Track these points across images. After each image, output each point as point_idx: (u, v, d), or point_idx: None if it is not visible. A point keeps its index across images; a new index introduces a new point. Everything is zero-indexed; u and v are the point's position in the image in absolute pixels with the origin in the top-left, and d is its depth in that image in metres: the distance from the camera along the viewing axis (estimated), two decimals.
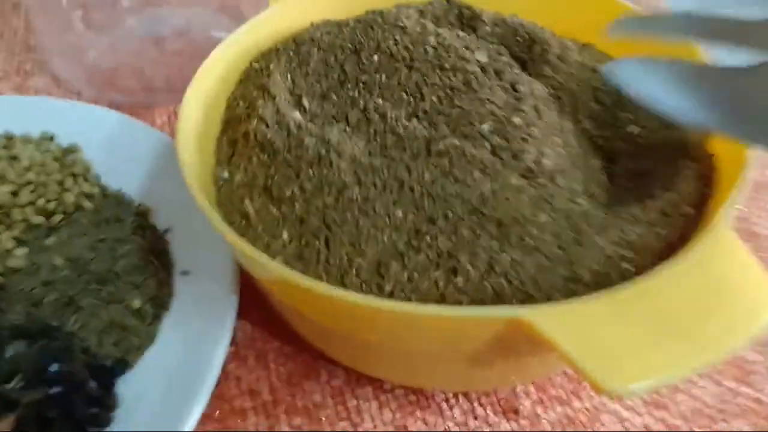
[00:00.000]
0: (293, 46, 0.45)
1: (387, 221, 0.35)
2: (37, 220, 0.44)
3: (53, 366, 0.36)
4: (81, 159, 0.50)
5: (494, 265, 0.34)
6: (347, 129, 0.40)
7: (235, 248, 0.34)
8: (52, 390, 0.35)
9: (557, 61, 0.45)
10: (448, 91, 0.40)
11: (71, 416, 0.35)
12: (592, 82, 0.45)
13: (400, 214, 0.35)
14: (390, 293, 0.34)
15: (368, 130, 0.39)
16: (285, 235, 0.36)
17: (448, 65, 0.41)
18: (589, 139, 0.43)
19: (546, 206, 0.37)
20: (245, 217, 0.37)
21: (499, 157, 0.38)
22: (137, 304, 0.41)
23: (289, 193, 0.37)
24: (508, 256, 0.34)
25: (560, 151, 0.40)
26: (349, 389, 0.42)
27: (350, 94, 0.41)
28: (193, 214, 0.35)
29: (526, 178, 0.38)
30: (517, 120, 0.39)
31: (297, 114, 0.40)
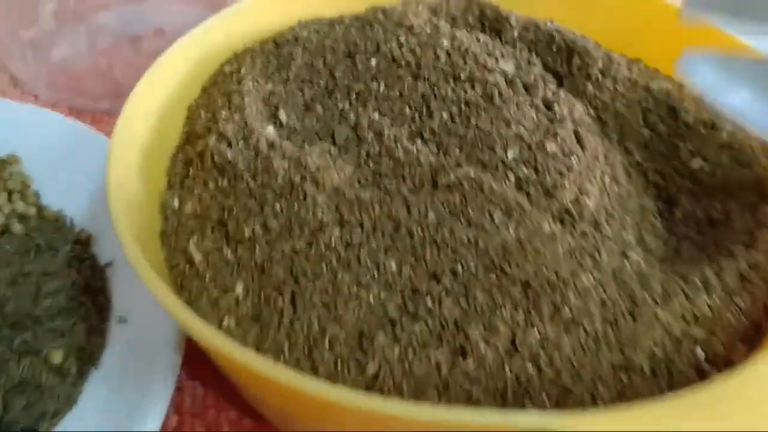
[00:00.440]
0: (272, 46, 0.36)
1: (375, 276, 0.26)
2: None
3: None
4: (19, 172, 0.43)
5: (518, 343, 0.24)
6: (332, 150, 0.31)
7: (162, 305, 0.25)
8: None
9: (601, 77, 0.36)
10: (464, 107, 0.31)
11: None
12: (644, 104, 0.36)
13: (393, 266, 0.27)
14: (374, 376, 0.25)
15: (359, 151, 0.31)
16: (239, 288, 0.27)
17: (464, 75, 0.32)
18: (641, 174, 0.34)
19: (589, 262, 0.28)
20: (190, 261, 0.29)
21: (526, 193, 0.29)
22: (58, 358, 0.34)
23: (248, 233, 0.28)
24: (537, 331, 0.25)
25: (606, 188, 0.31)
26: None
27: (339, 105, 0.33)
28: None
29: (563, 223, 0.29)
30: (552, 147, 0.30)
31: (270, 129, 0.32)
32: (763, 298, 0.28)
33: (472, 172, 0.28)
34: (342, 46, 0.35)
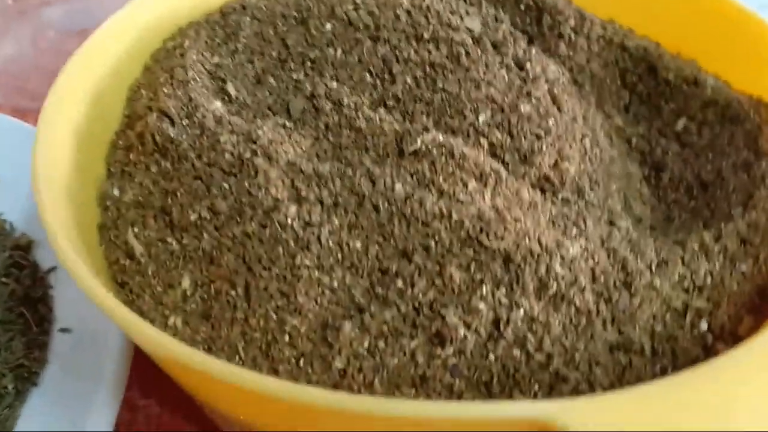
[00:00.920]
0: (218, 16, 0.33)
1: (338, 258, 0.23)
2: None
3: None
4: None
5: (502, 325, 0.22)
6: (287, 123, 0.28)
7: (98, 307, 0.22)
8: None
9: (574, 36, 0.34)
10: (429, 69, 0.28)
11: None
12: (621, 64, 0.34)
13: (358, 246, 0.24)
14: (341, 373, 0.22)
15: (317, 124, 0.28)
16: (186, 282, 0.24)
17: (427, 35, 0.29)
18: (624, 139, 0.32)
19: (574, 231, 0.25)
20: (130, 255, 0.25)
21: (501, 159, 0.26)
22: None
23: (194, 217, 0.25)
24: (522, 311, 0.22)
25: (588, 153, 0.28)
26: None
27: (294, 76, 0.30)
28: None
29: (543, 191, 0.27)
30: (526, 109, 0.28)
31: (217, 104, 0.29)
32: (767, 262, 0.25)
33: (441, 137, 0.25)
34: (293, 12, 0.32)
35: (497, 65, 0.29)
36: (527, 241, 0.23)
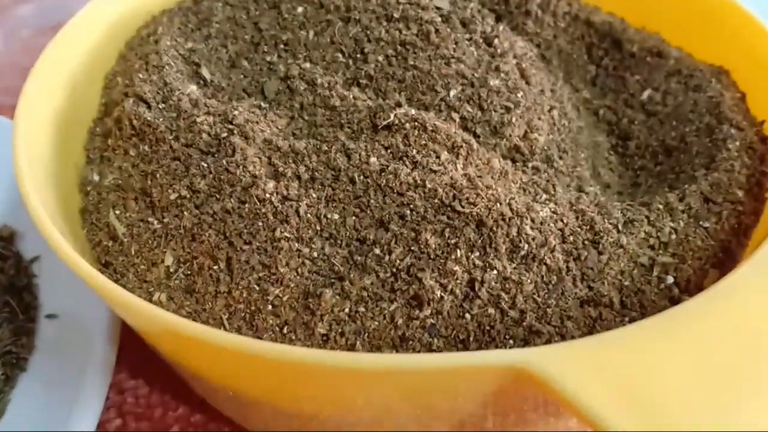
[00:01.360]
0: (191, 3, 0.33)
1: (317, 229, 0.24)
2: None
3: None
4: None
5: (477, 286, 0.22)
6: (263, 104, 0.29)
7: (87, 283, 0.22)
8: None
9: (541, 13, 0.35)
10: (400, 47, 0.29)
11: None
12: (587, 39, 0.35)
13: (335, 217, 0.24)
14: (324, 337, 0.23)
15: (291, 104, 0.28)
16: (168, 259, 0.25)
17: (397, 14, 0.30)
18: (591, 111, 0.33)
19: (544, 196, 0.26)
20: (113, 236, 0.26)
21: (472, 132, 0.27)
22: None
23: (174, 196, 0.25)
24: (495, 271, 0.23)
25: (556, 123, 0.29)
26: None
27: (267, 59, 0.30)
28: None
29: (513, 160, 0.28)
30: (495, 83, 0.28)
31: (193, 88, 0.29)
32: (729, 221, 0.26)
33: (413, 112, 0.26)
34: None
35: (466, 42, 0.30)
36: (498, 205, 0.24)
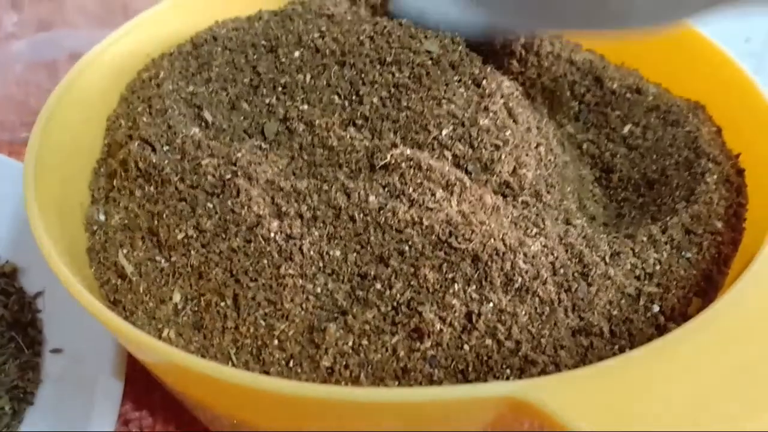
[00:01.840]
0: (190, 47, 0.35)
1: (320, 266, 0.25)
2: None
3: None
4: None
5: (474, 318, 0.24)
6: (263, 145, 0.30)
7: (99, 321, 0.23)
8: None
9: (525, 53, 0.36)
10: (393, 89, 0.31)
11: None
12: (570, 77, 0.37)
13: (337, 254, 0.25)
14: (329, 370, 0.24)
15: (291, 144, 0.30)
16: (176, 296, 0.26)
17: (390, 58, 0.31)
18: (575, 145, 0.35)
19: (534, 230, 0.27)
20: (121, 275, 0.27)
21: (464, 169, 0.29)
22: None
23: (181, 236, 0.26)
24: (491, 304, 0.24)
25: (543, 159, 0.31)
26: None
27: (266, 101, 0.32)
28: None
29: (504, 196, 0.29)
30: (485, 122, 0.30)
31: (195, 130, 0.30)
32: (710, 251, 0.28)
33: (408, 151, 0.28)
34: (263, 41, 0.34)
35: (456, 83, 0.31)
36: (492, 241, 0.25)
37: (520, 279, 0.24)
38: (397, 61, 0.31)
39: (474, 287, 0.24)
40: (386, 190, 0.27)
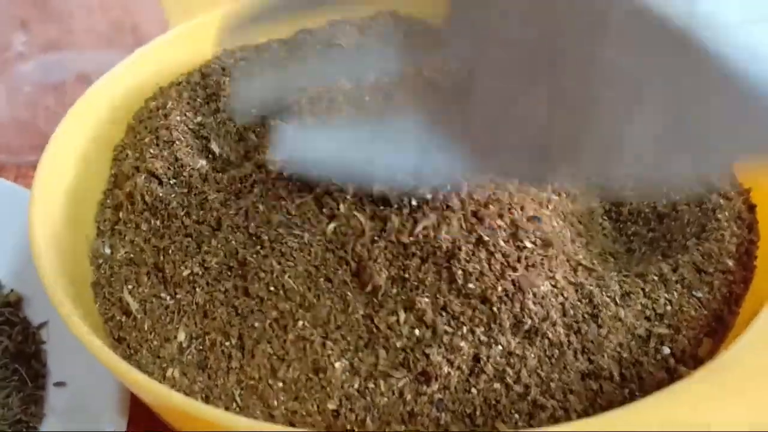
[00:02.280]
0: (199, 77, 0.35)
1: (330, 303, 0.25)
2: None
3: None
4: None
5: (483, 361, 0.23)
6: None
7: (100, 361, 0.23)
8: None
9: None
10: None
11: None
12: None
13: (348, 293, 0.25)
14: (334, 413, 0.23)
15: None
16: (181, 335, 0.25)
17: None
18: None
19: (541, 269, 0.27)
20: (126, 311, 0.27)
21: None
22: None
23: (187, 273, 0.26)
24: (500, 346, 0.24)
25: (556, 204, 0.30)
26: None
27: None
28: None
29: (513, 235, 0.28)
30: None
31: (202, 162, 0.30)
32: (721, 289, 0.27)
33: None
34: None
35: None
36: (500, 282, 0.25)
37: (529, 321, 0.24)
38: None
39: (482, 329, 0.24)
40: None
